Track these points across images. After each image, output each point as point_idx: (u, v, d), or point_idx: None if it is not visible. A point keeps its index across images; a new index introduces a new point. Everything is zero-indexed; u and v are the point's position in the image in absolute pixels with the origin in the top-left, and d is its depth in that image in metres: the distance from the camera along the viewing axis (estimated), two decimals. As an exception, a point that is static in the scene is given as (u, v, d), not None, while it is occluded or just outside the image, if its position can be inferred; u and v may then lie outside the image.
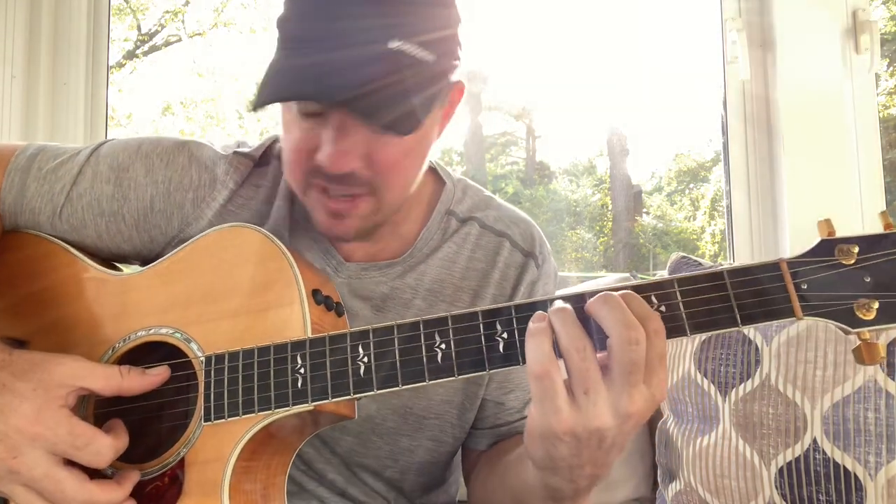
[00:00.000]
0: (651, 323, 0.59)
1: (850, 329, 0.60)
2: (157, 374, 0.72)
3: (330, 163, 0.75)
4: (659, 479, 1.28)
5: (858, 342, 0.60)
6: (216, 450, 0.69)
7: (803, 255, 0.61)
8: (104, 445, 0.66)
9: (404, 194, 0.85)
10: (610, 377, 0.58)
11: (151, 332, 0.77)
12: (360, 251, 0.93)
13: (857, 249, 0.60)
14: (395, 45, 0.71)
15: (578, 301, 0.61)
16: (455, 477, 1.07)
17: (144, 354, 0.78)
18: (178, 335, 0.76)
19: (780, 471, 1.07)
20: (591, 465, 0.63)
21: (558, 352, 0.60)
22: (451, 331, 0.64)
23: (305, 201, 0.84)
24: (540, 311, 0.62)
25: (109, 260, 0.92)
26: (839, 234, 0.62)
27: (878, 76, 1.62)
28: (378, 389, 0.65)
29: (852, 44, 1.57)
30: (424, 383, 0.64)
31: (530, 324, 0.61)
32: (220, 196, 0.90)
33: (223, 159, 0.91)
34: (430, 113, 0.78)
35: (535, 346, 0.60)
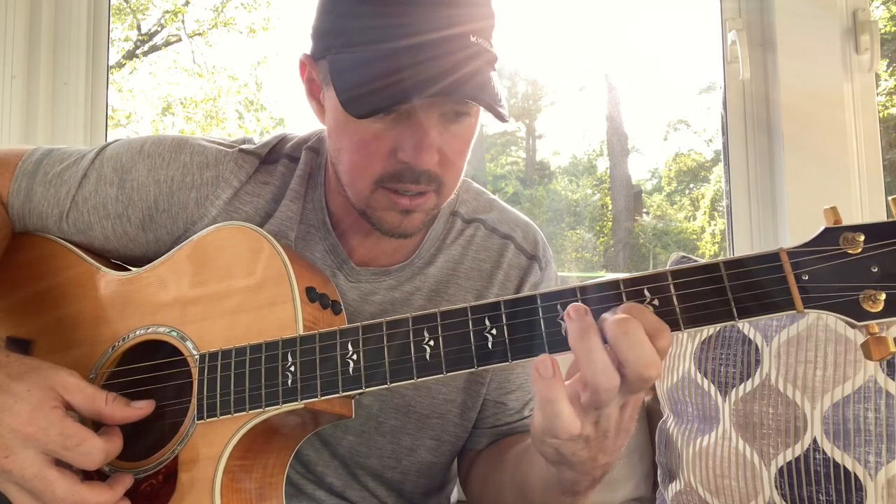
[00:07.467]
0: (661, 341, 0.57)
1: (855, 322, 0.56)
2: (140, 409, 0.71)
3: (420, 159, 0.76)
4: (659, 479, 1.28)
5: (867, 336, 0.56)
6: (209, 448, 0.69)
7: (805, 245, 0.58)
8: (94, 447, 0.66)
9: (455, 190, 0.86)
10: (621, 392, 0.58)
11: (150, 330, 0.78)
12: (368, 250, 0.92)
13: (863, 238, 0.56)
14: (474, 38, 0.74)
15: (570, 296, 0.60)
16: (452, 482, 1.07)
17: (147, 352, 0.79)
18: (174, 334, 0.76)
19: (780, 471, 1.07)
20: (604, 454, 0.64)
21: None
22: (439, 327, 0.64)
23: (370, 204, 0.82)
24: (576, 306, 0.58)
25: (118, 261, 0.93)
26: (841, 228, 0.58)
27: (878, 76, 1.62)
28: (366, 387, 0.65)
29: (852, 44, 1.57)
30: (412, 381, 0.64)
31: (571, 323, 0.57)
32: (225, 194, 0.89)
33: (227, 156, 0.91)
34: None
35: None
